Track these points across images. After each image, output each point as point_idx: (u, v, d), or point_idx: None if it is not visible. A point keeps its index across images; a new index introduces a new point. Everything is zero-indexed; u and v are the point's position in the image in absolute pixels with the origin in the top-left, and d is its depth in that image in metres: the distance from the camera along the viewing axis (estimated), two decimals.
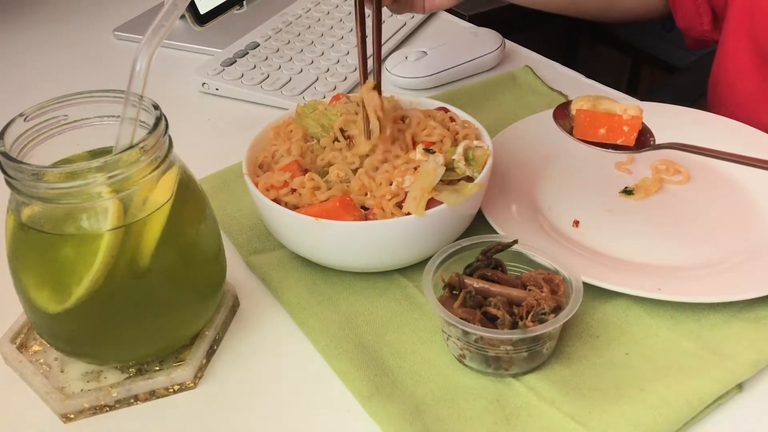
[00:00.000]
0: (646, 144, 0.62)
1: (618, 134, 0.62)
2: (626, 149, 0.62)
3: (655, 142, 0.62)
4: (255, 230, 0.66)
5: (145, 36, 0.46)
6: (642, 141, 0.62)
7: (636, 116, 0.61)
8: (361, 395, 0.51)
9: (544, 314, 0.51)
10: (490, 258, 0.55)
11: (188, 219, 0.51)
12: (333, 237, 0.56)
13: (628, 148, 0.62)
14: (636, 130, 0.61)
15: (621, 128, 0.61)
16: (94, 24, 1.09)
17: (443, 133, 0.61)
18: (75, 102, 0.49)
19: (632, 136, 0.62)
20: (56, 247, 0.47)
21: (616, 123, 0.61)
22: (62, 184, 0.44)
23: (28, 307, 0.50)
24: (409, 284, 0.60)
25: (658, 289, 0.56)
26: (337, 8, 1.05)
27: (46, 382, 0.52)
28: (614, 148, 0.62)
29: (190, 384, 0.53)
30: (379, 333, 0.56)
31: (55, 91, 0.51)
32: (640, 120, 0.61)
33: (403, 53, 0.91)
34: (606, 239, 0.64)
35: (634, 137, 0.62)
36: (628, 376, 0.52)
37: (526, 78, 0.89)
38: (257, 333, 0.57)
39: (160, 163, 0.47)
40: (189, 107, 0.88)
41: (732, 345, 0.54)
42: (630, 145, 0.62)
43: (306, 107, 0.64)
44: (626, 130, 0.61)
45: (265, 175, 0.60)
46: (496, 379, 0.52)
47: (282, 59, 0.92)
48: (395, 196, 0.56)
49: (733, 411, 0.50)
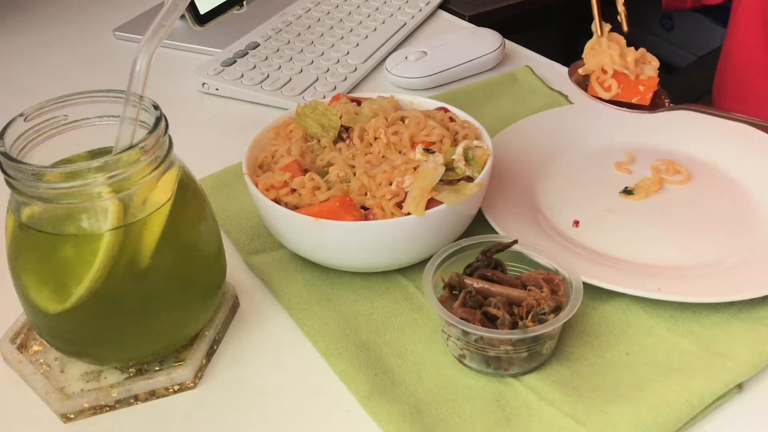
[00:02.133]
0: (660, 105, 0.62)
1: (633, 93, 0.61)
2: (641, 108, 0.62)
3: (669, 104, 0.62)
4: (255, 230, 0.66)
5: (145, 36, 0.46)
6: (656, 102, 0.62)
7: (652, 76, 0.61)
8: (361, 395, 0.51)
9: (544, 314, 0.51)
10: (490, 258, 0.55)
11: (188, 219, 0.51)
12: (333, 237, 0.56)
13: (643, 107, 0.62)
14: (651, 90, 0.61)
15: (637, 87, 0.61)
16: (94, 24, 1.09)
17: (443, 133, 0.61)
18: (75, 102, 0.49)
19: (647, 96, 0.61)
20: (56, 247, 0.47)
21: (632, 82, 0.61)
22: (62, 184, 0.44)
23: (28, 307, 0.50)
24: (409, 284, 0.60)
25: (658, 289, 0.56)
26: (337, 8, 1.05)
27: (46, 382, 0.52)
28: (629, 107, 0.62)
29: (190, 384, 0.53)
30: (379, 333, 0.56)
31: (55, 91, 0.51)
32: (656, 80, 0.61)
33: (403, 53, 0.91)
34: (606, 239, 0.64)
35: (649, 97, 0.61)
36: (628, 376, 0.52)
37: (526, 78, 0.89)
38: (257, 333, 0.57)
39: (160, 163, 0.47)
40: (189, 107, 0.88)
41: (732, 345, 0.54)
42: (645, 104, 0.61)
43: (306, 107, 0.64)
44: (642, 89, 0.61)
45: (265, 175, 0.60)
46: (496, 379, 0.52)
47: (282, 59, 0.92)
48: (395, 196, 0.56)
49: (733, 411, 0.50)
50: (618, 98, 0.62)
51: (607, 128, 0.76)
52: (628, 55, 0.62)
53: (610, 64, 0.62)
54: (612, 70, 0.62)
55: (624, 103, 0.62)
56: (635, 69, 0.61)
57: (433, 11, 1.07)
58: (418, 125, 0.62)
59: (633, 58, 0.61)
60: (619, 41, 0.63)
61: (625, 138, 0.75)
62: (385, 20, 1.01)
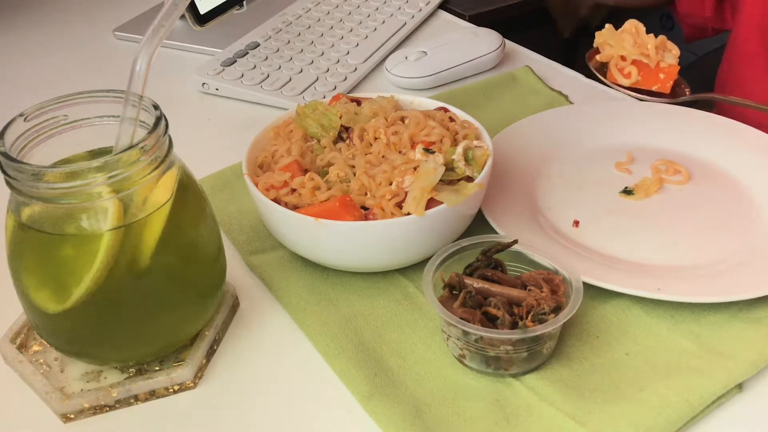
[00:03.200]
0: (681, 94, 0.61)
1: (654, 80, 0.61)
2: (661, 96, 0.61)
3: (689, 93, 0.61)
4: (255, 230, 0.66)
5: (145, 36, 0.46)
6: (676, 91, 0.61)
7: (673, 64, 0.60)
8: (361, 395, 0.51)
9: (544, 314, 0.51)
10: (490, 258, 0.55)
11: (188, 219, 0.51)
12: (333, 237, 0.56)
13: (663, 95, 0.61)
14: (672, 78, 0.60)
15: (657, 75, 0.60)
16: (94, 24, 1.09)
17: (443, 133, 0.61)
18: (75, 102, 0.49)
19: (668, 84, 0.61)
20: (56, 247, 0.47)
21: (652, 70, 0.60)
22: (62, 184, 0.44)
23: (28, 307, 0.50)
24: (409, 284, 0.60)
25: (658, 289, 0.56)
26: (337, 8, 1.05)
27: (46, 382, 0.52)
28: (649, 95, 0.61)
29: (190, 384, 0.53)
30: (379, 333, 0.56)
31: (55, 91, 0.51)
32: (677, 68, 0.60)
33: (403, 53, 0.91)
34: (606, 239, 0.64)
35: (669, 85, 0.61)
36: (628, 376, 0.52)
37: (526, 78, 0.89)
38: (257, 333, 0.57)
39: (160, 163, 0.47)
40: (189, 107, 0.88)
41: (732, 345, 0.54)
42: (666, 92, 0.61)
43: (306, 107, 0.64)
44: (662, 77, 0.60)
45: (265, 175, 0.60)
46: (496, 379, 0.52)
47: (282, 59, 0.92)
48: (395, 196, 0.56)
49: (733, 411, 0.50)
50: (638, 86, 0.61)
51: (607, 128, 0.76)
52: (648, 42, 0.61)
53: (629, 51, 0.61)
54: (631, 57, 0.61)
55: (644, 90, 0.61)
56: (656, 56, 0.61)
57: (433, 11, 1.07)
58: (418, 125, 0.62)
59: (654, 45, 0.61)
60: (638, 27, 0.62)
61: (625, 138, 0.75)
62: (385, 20, 1.01)
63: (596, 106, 0.77)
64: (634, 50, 0.60)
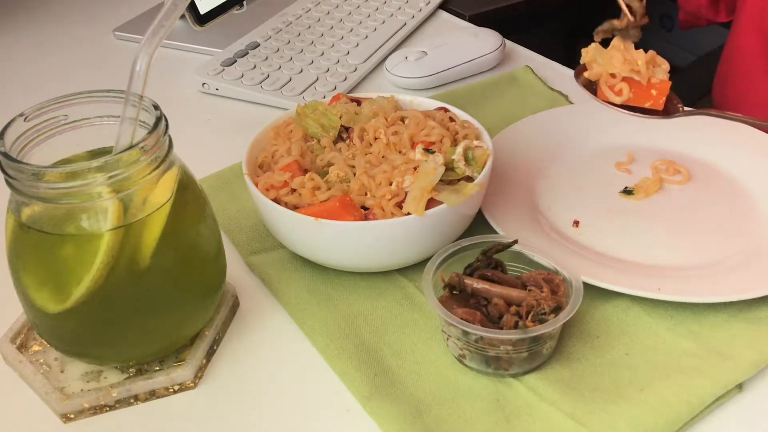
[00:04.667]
0: (674, 110, 0.60)
1: (646, 97, 0.59)
2: (655, 113, 0.60)
3: (684, 109, 0.60)
4: (255, 230, 0.66)
5: (145, 36, 0.46)
6: (669, 107, 0.60)
7: (664, 80, 0.59)
8: (361, 395, 0.51)
9: (544, 314, 0.51)
10: (490, 258, 0.55)
11: (188, 219, 0.51)
12: (333, 237, 0.56)
13: (656, 113, 0.60)
14: (664, 94, 0.59)
15: (649, 91, 0.59)
16: (94, 24, 1.09)
17: (442, 133, 0.61)
18: (75, 102, 0.49)
19: (660, 100, 0.59)
20: (56, 247, 0.47)
21: (643, 86, 0.59)
22: (62, 184, 0.44)
23: (28, 307, 0.50)
24: (409, 284, 0.60)
25: (658, 289, 0.56)
26: (337, 8, 1.05)
27: (46, 382, 0.52)
28: (642, 112, 0.60)
29: (190, 384, 0.53)
30: (379, 333, 0.56)
31: (55, 91, 0.51)
32: (669, 84, 0.59)
33: (403, 53, 0.91)
34: (606, 239, 0.64)
35: (662, 101, 0.59)
36: (628, 376, 0.52)
37: (526, 78, 0.89)
38: (257, 333, 0.57)
39: (160, 163, 0.47)
40: (189, 107, 0.88)
41: (732, 345, 0.54)
42: (659, 109, 0.60)
43: (306, 107, 0.64)
44: (654, 93, 0.59)
45: (265, 175, 0.60)
46: (496, 379, 0.52)
47: (282, 59, 0.92)
48: (395, 196, 0.56)
49: (733, 411, 0.50)
50: (630, 103, 0.60)
51: (607, 128, 0.76)
52: (639, 57, 0.60)
53: (620, 69, 0.60)
54: (621, 74, 0.60)
55: (637, 108, 0.60)
56: (647, 72, 0.60)
57: (433, 11, 1.07)
58: (418, 125, 0.62)
59: (644, 61, 0.60)
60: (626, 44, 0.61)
61: (625, 138, 0.75)
62: (385, 20, 1.01)
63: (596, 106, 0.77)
64: (624, 67, 0.59)
